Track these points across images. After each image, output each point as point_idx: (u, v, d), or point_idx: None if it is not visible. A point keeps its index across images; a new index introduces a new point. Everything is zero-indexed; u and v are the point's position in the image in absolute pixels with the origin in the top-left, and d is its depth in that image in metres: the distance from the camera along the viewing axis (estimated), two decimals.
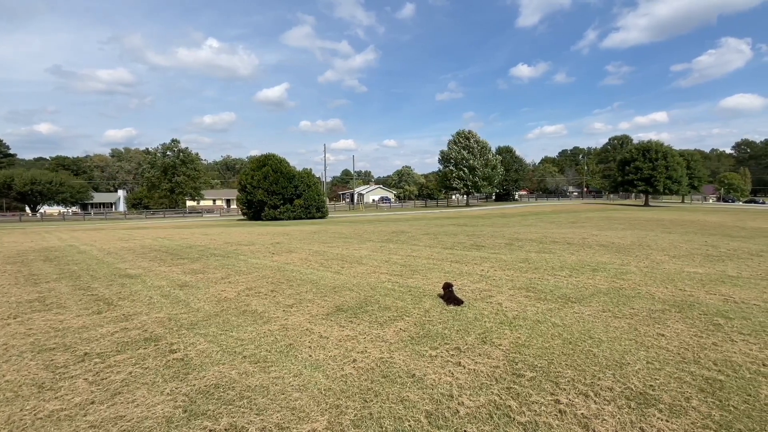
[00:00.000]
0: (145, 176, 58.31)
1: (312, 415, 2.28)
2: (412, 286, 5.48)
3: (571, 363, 2.93)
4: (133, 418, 2.26)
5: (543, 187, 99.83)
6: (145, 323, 3.93)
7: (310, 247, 10.12)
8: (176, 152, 57.12)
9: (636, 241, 10.68)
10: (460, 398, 2.44)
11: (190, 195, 58.95)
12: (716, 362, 2.91)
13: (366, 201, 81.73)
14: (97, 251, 9.73)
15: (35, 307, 4.52)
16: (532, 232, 13.89)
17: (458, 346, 3.29)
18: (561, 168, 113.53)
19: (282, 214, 29.62)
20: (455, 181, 53.22)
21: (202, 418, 2.25)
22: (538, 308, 4.33)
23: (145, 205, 62.46)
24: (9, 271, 6.95)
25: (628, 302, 4.53)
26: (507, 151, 68.20)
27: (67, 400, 2.46)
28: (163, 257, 8.51)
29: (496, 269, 6.77)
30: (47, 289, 5.41)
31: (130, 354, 3.17)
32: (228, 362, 3.01)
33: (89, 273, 6.65)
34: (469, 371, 2.82)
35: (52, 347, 3.33)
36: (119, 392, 2.56)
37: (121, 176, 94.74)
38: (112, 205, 73.03)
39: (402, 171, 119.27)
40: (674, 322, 3.81)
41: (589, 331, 3.58)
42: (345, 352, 3.17)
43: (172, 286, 5.57)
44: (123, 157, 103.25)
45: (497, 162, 55.04)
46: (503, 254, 8.55)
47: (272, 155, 31.47)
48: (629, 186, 47.67)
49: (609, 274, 6.27)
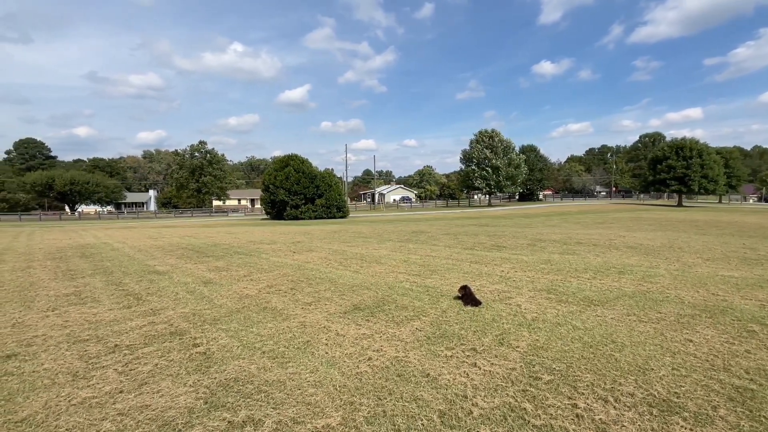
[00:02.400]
0: (174, 177, 60.54)
1: (327, 410, 2.33)
2: (430, 286, 5.46)
3: (590, 367, 2.85)
4: (157, 407, 2.37)
5: (569, 186, 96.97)
6: (171, 318, 4.10)
7: (330, 246, 10.24)
8: (203, 153, 59.02)
9: (666, 243, 10.24)
10: (474, 399, 2.43)
11: (216, 195, 60.80)
12: (748, 371, 2.76)
13: (387, 201, 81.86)
14: (129, 248, 10.19)
15: (71, 301, 4.79)
16: (555, 233, 13.54)
17: (474, 347, 3.26)
18: (588, 167, 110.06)
19: (303, 213, 30.09)
20: (478, 180, 52.54)
21: (221, 409, 2.34)
22: (558, 311, 4.23)
23: (174, 204, 64.87)
24: (49, 266, 7.39)
25: (655, 306, 4.36)
26: (531, 150, 66.71)
27: (98, 388, 2.61)
28: (189, 255, 8.83)
29: (517, 270, 6.65)
30: (83, 284, 5.73)
31: (157, 347, 3.32)
32: (247, 357, 3.10)
33: (121, 269, 6.98)
34: (485, 372, 2.79)
35: (86, 339, 3.53)
36: (146, 383, 2.69)
37: (152, 177, 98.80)
38: (143, 205, 76.21)
39: (423, 171, 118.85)
40: (704, 327, 3.64)
41: (612, 335, 3.47)
42: (361, 350, 3.20)
43: (197, 282, 5.78)
44: (154, 158, 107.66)
45: (521, 161, 53.95)
46: (525, 255, 8.39)
47: (295, 156, 32.03)
48: (661, 185, 45.65)
49: (636, 276, 6.05)
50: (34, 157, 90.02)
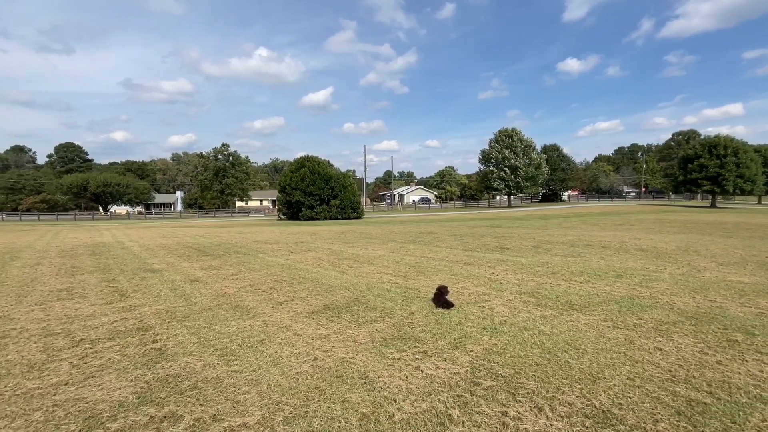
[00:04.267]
0: (199, 178, 62.60)
1: (250, 409, 2.33)
2: (411, 287, 5.39)
3: (539, 374, 2.73)
4: (92, 400, 2.44)
5: (595, 187, 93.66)
6: (143, 314, 4.22)
7: (330, 247, 10.30)
8: (226, 156, 60.75)
9: (682, 246, 9.71)
10: (402, 403, 2.36)
11: (239, 196, 62.42)
12: (711, 383, 2.57)
13: (406, 202, 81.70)
14: (138, 247, 10.61)
15: (61, 296, 5.03)
16: (567, 235, 13.10)
17: (427, 350, 3.19)
18: (617, 167, 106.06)
19: (318, 214, 30.44)
20: (496, 181, 51.59)
21: (149, 404, 2.38)
22: (531, 315, 4.08)
23: (199, 205, 67.09)
24: (56, 263, 7.79)
25: (639, 312, 4.13)
26: (553, 150, 64.89)
27: (46, 380, 2.71)
28: (190, 253, 9.10)
29: (509, 273, 6.47)
30: (78, 281, 6.00)
31: (118, 341, 3.43)
32: (198, 354, 3.15)
33: (120, 267, 7.27)
34: (426, 376, 2.72)
35: (57, 332, 3.68)
36: (92, 376, 2.78)
37: (179, 178, 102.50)
38: (171, 206, 79.22)
39: (444, 171, 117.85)
40: (682, 336, 3.41)
41: (576, 342, 3.31)
42: (310, 350, 3.19)
43: (184, 280, 5.94)
44: (182, 160, 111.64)
45: (541, 161, 52.58)
46: (525, 257, 8.15)
47: (310, 157, 32.47)
48: (692, 186, 43.32)
49: (633, 281, 5.76)
50: (72, 160, 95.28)
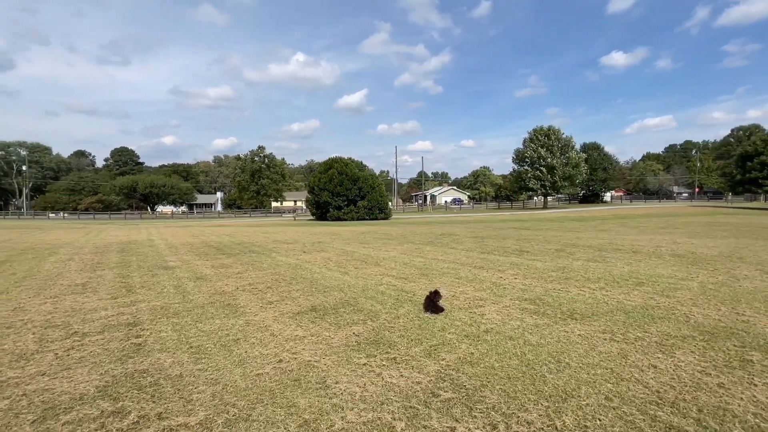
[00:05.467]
0: (236, 180, 65.36)
1: (197, 409, 2.32)
2: (407, 290, 5.26)
3: (507, 388, 2.53)
4: (57, 391, 2.54)
5: (642, 187, 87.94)
6: (140, 310, 4.40)
7: (345, 247, 10.33)
8: (262, 158, 63.01)
9: (726, 252, 8.82)
10: (348, 412, 2.27)
11: (274, 196, 64.53)
12: (703, 408, 2.26)
13: (438, 202, 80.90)
14: (164, 245, 11.18)
15: (76, 290, 5.36)
16: (598, 238, 12.34)
17: (397, 356, 3.06)
18: (667, 165, 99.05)
19: (346, 215, 30.76)
20: (531, 181, 49.75)
21: (106, 399, 2.44)
22: (523, 323, 3.83)
23: (238, 205, 70.06)
24: (86, 259, 8.36)
25: (647, 324, 3.76)
26: (593, 148, 61.63)
27: (26, 370, 2.87)
28: (208, 252, 9.45)
29: (518, 277, 6.16)
30: (97, 276, 6.39)
31: (105, 335, 3.58)
32: (172, 350, 3.21)
33: (139, 264, 7.68)
34: (385, 384, 2.60)
35: (57, 324, 3.91)
36: (68, 368, 2.90)
37: (220, 180, 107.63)
38: (211, 206, 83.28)
39: (478, 172, 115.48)
40: (686, 352, 3.06)
41: (561, 354, 3.05)
42: (279, 352, 3.16)
43: (190, 278, 6.15)
44: (223, 162, 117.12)
45: (580, 160, 50.07)
46: (542, 261, 7.74)
47: (338, 158, 32.90)
48: (752, 185, 39.55)
49: (655, 289, 5.29)
50: (126, 163, 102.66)
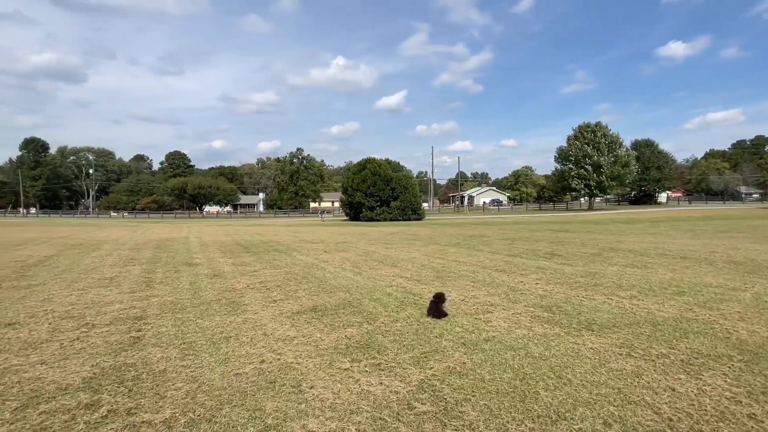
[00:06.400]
0: (276, 181, 67.76)
1: (166, 406, 2.30)
2: (416, 293, 5.06)
3: (492, 404, 2.29)
4: (48, 380, 2.64)
5: (704, 187, 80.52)
6: (150, 304, 4.56)
7: (367, 248, 10.26)
8: (300, 159, 64.87)
9: None
10: (311, 419, 2.15)
11: (312, 197, 66.21)
12: None
13: (476, 203, 79.17)
14: (197, 243, 11.72)
15: (102, 284, 5.69)
16: (644, 242, 11.37)
17: (383, 362, 2.90)
18: (735, 163, 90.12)
19: (378, 215, 30.80)
20: (575, 180, 47.13)
21: (87, 390, 2.50)
22: (530, 332, 3.52)
23: (278, 206, 72.69)
24: (123, 255, 8.93)
25: (676, 339, 3.32)
26: (646, 145, 57.28)
27: (31, 358, 3.03)
28: (234, 250, 9.76)
29: (540, 282, 5.76)
30: (126, 271, 6.77)
31: (112, 328, 3.72)
32: (165, 345, 3.26)
33: (167, 260, 8.06)
34: (361, 392, 2.46)
35: (73, 316, 4.14)
36: (66, 358, 3.03)
37: (263, 181, 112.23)
38: (254, 206, 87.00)
39: (519, 172, 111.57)
40: (717, 375, 2.63)
41: (564, 369, 2.74)
42: (265, 352, 3.11)
43: (208, 275, 6.34)
44: (265, 165, 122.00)
45: (630, 158, 46.72)
46: (572, 266, 7.22)
47: (372, 159, 33.04)
48: None
49: (696, 299, 4.71)
50: (178, 166, 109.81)
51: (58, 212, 66.88)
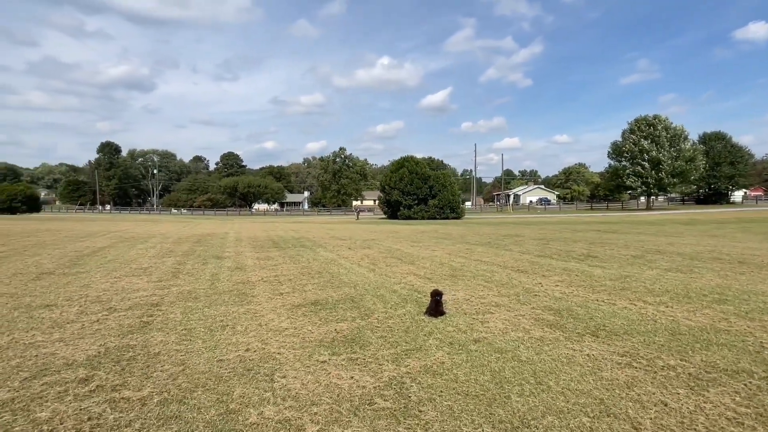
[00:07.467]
0: (320, 179, 69.74)
1: (147, 385, 2.48)
2: (423, 291, 4.98)
3: (455, 406, 2.21)
4: (59, 356, 2.94)
5: None
6: (169, 292, 4.90)
7: (392, 245, 10.26)
8: (342, 158, 66.23)
9: None
10: (269, 407, 2.20)
11: (353, 195, 67.38)
12: None
13: (523, 202, 76.24)
14: (233, 238, 12.39)
15: (136, 273, 6.21)
16: (699, 245, 10.31)
17: (360, 357, 2.90)
18: None
19: (416, 213, 30.63)
20: (630, 178, 43.68)
21: (86, 367, 2.74)
22: (526, 335, 3.33)
23: (322, 204, 74.87)
24: (164, 247, 9.66)
25: (692, 350, 2.99)
26: (717, 138, 51.63)
27: (52, 336, 3.38)
28: (264, 245, 10.20)
29: (560, 284, 5.44)
30: (161, 262, 7.32)
31: (129, 312, 4.05)
32: (167, 330, 3.50)
33: (201, 253, 8.60)
34: (328, 384, 2.48)
35: (104, 300, 4.56)
36: (82, 337, 3.35)
37: (309, 180, 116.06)
38: (299, 204, 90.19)
39: (570, 169, 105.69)
40: (725, 392, 2.34)
41: (548, 375, 2.57)
42: (253, 341, 3.23)
43: (231, 267, 6.69)
44: (311, 164, 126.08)
45: (696, 153, 42.39)
46: (604, 268, 6.73)
47: (410, 157, 32.90)
48: None
49: (738, 309, 4.20)
50: (232, 166, 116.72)
51: (128, 209, 73.92)
